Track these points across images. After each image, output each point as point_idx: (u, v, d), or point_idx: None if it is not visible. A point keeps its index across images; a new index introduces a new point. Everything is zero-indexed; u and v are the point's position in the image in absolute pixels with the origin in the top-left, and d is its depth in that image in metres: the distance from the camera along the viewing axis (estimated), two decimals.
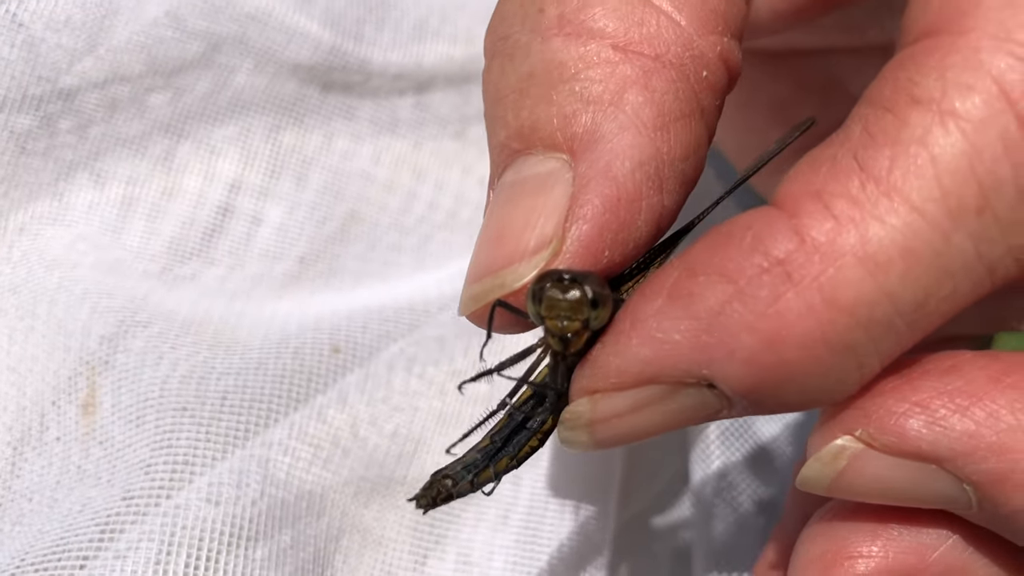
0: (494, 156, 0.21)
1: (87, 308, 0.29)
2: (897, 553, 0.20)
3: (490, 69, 0.21)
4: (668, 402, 0.19)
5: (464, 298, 0.20)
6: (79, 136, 0.31)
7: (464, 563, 0.29)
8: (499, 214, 0.20)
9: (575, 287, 0.18)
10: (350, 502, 0.28)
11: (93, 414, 0.27)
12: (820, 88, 0.29)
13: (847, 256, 0.17)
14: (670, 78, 0.19)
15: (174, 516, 0.25)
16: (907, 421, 0.19)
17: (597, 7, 0.20)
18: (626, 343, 0.19)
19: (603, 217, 0.19)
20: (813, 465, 0.20)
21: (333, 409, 0.28)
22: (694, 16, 0.20)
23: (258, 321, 0.30)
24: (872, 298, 0.18)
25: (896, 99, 0.18)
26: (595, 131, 0.19)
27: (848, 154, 0.18)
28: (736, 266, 0.18)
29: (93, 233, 0.31)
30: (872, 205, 0.18)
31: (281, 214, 0.33)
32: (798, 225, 0.18)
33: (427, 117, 0.35)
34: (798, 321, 0.17)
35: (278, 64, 0.33)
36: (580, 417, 0.20)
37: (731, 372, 0.18)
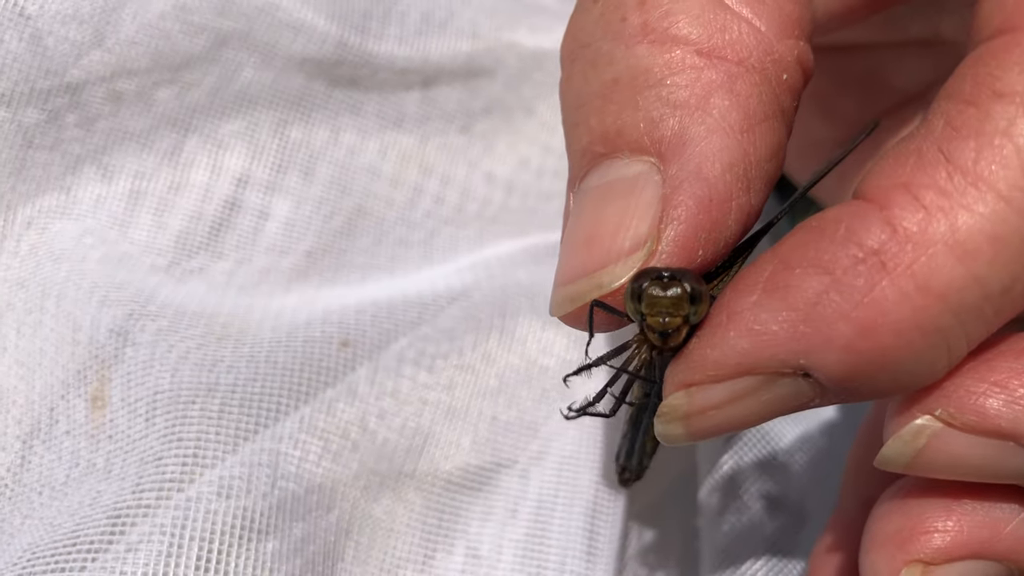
0: (576, 160, 0.21)
1: (95, 302, 0.29)
2: (971, 527, 0.21)
3: (570, 76, 0.21)
4: (763, 392, 0.20)
5: (558, 299, 0.21)
6: (86, 130, 0.31)
7: (473, 557, 0.29)
8: (588, 216, 0.20)
9: (675, 284, 0.19)
10: (360, 496, 0.28)
11: (103, 408, 0.27)
12: (861, 82, 0.29)
13: (938, 244, 0.18)
14: (753, 82, 0.20)
15: (185, 509, 0.25)
16: (986, 400, 0.20)
17: (680, 15, 0.20)
18: (723, 336, 0.19)
19: (697, 217, 0.20)
20: (894, 444, 0.20)
21: (342, 403, 0.28)
22: (773, 21, 0.20)
23: (266, 315, 0.30)
24: (962, 284, 0.18)
25: (978, 93, 0.19)
26: (683, 134, 0.20)
27: (933, 147, 0.19)
28: (831, 257, 0.19)
29: (101, 227, 0.31)
30: (960, 195, 0.18)
31: (288, 208, 0.33)
32: (890, 216, 0.18)
33: (433, 112, 0.35)
34: (893, 308, 0.18)
35: (285, 58, 0.33)
36: (677, 410, 0.20)
37: (828, 361, 0.19)
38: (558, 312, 0.21)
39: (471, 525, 0.30)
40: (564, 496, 0.30)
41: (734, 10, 0.20)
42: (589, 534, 0.29)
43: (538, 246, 0.34)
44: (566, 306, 0.21)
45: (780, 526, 0.32)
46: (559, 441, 0.31)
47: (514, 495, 0.30)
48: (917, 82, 0.29)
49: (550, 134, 0.37)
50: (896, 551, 0.21)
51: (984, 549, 0.21)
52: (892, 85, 0.30)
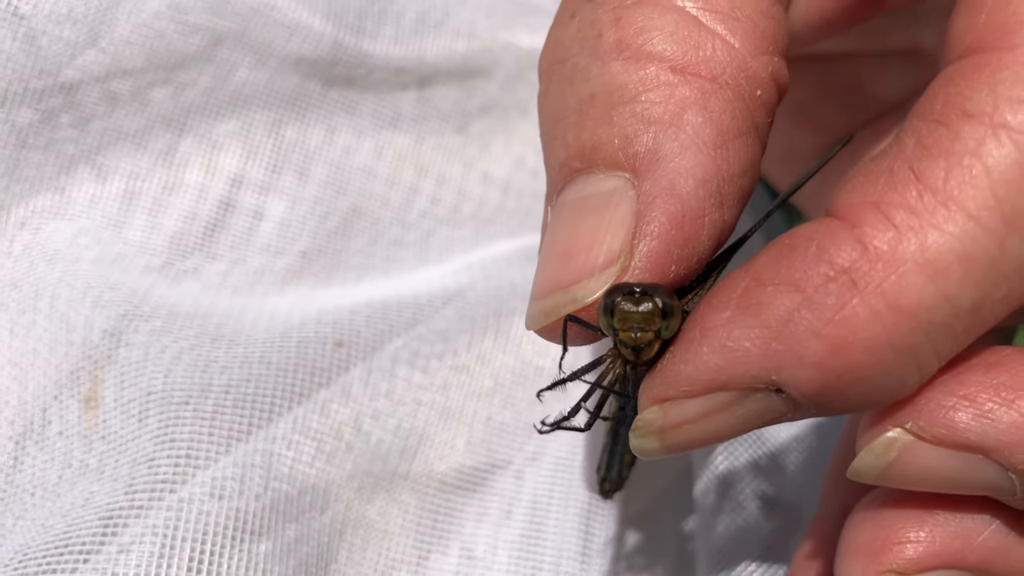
0: (552, 175, 0.21)
1: (89, 302, 0.28)
2: (943, 538, 0.21)
3: (547, 91, 0.22)
4: (736, 407, 0.20)
5: (533, 313, 0.21)
6: (80, 130, 0.31)
7: (468, 558, 0.29)
8: (564, 231, 0.21)
9: (646, 299, 0.19)
10: (353, 497, 0.28)
11: (96, 408, 0.27)
12: (841, 91, 0.30)
13: (908, 263, 0.18)
14: (727, 98, 0.20)
15: (177, 510, 0.25)
16: (956, 414, 0.20)
17: (655, 31, 0.20)
18: (696, 351, 0.20)
19: (669, 233, 0.20)
20: (865, 457, 0.21)
21: (336, 403, 0.28)
22: (747, 38, 0.21)
23: (260, 315, 0.30)
24: (932, 302, 0.18)
25: (948, 113, 0.19)
26: (657, 150, 0.20)
27: (904, 166, 0.19)
28: (803, 275, 0.19)
29: (95, 227, 0.30)
30: (930, 214, 0.19)
31: (283, 209, 0.33)
32: (860, 235, 0.19)
33: (429, 112, 0.35)
34: (864, 326, 0.18)
35: (280, 58, 0.33)
36: (651, 424, 0.21)
37: (800, 377, 0.19)
38: (533, 326, 0.21)
39: (466, 526, 0.30)
40: (559, 497, 0.30)
41: (708, 27, 0.21)
42: (584, 535, 0.29)
43: (534, 247, 0.34)
44: (541, 320, 0.21)
45: (775, 526, 0.32)
46: (554, 442, 0.31)
47: (509, 496, 0.30)
48: (897, 92, 0.30)
49: None
50: (870, 561, 0.22)
51: (956, 559, 0.22)
52: (872, 94, 0.30)
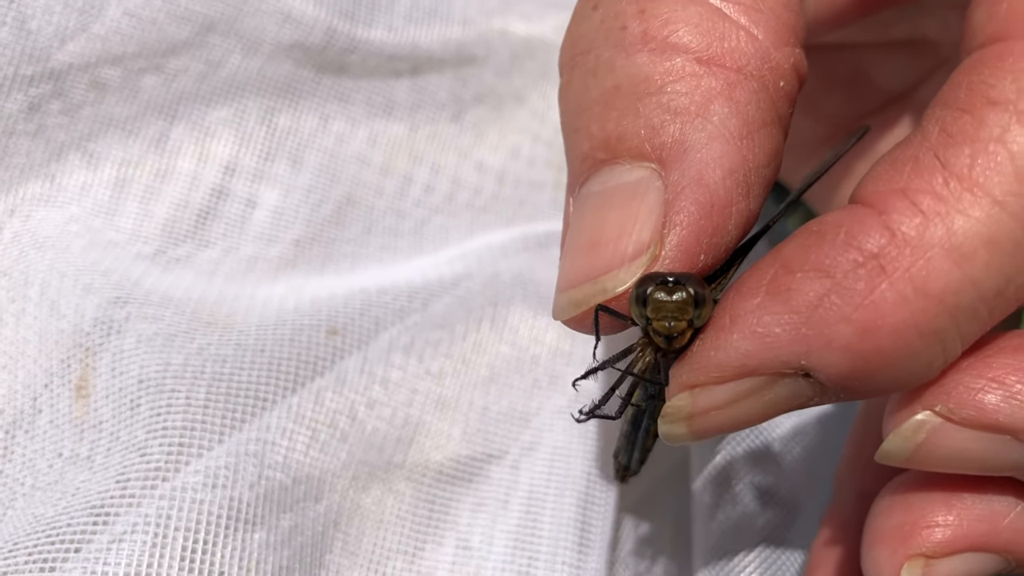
0: (575, 166, 0.22)
1: (80, 290, 0.28)
2: (971, 520, 0.22)
3: (570, 82, 0.22)
4: (765, 392, 0.20)
5: (562, 304, 0.21)
6: (71, 117, 0.30)
7: (464, 548, 0.29)
8: (590, 221, 0.21)
9: (679, 289, 0.20)
10: (349, 486, 0.28)
11: (87, 397, 0.27)
12: (846, 81, 0.30)
13: (936, 248, 0.19)
14: (752, 89, 0.21)
15: (170, 500, 0.25)
16: (984, 396, 0.20)
17: (680, 23, 0.21)
18: (727, 338, 0.20)
19: (699, 223, 0.20)
20: (894, 439, 0.21)
21: (331, 392, 0.28)
22: (770, 29, 0.21)
23: (253, 303, 0.30)
24: (959, 286, 0.19)
25: (972, 101, 0.20)
26: (684, 141, 0.20)
27: (929, 153, 0.19)
28: (832, 261, 0.19)
29: (86, 215, 0.30)
30: (956, 200, 0.19)
31: (276, 197, 0.32)
32: (888, 221, 0.19)
33: (423, 100, 0.35)
34: (892, 311, 0.19)
35: (272, 45, 0.32)
36: (680, 411, 0.21)
37: (829, 361, 0.19)
38: (562, 316, 0.21)
39: (462, 516, 0.29)
40: (556, 487, 0.30)
41: (732, 19, 0.21)
42: (581, 525, 0.29)
43: (529, 235, 0.34)
44: (570, 310, 0.21)
45: (772, 518, 0.32)
46: (550, 432, 0.31)
47: (505, 486, 0.30)
48: (901, 82, 0.30)
49: (541, 123, 0.37)
50: (898, 546, 0.22)
51: (984, 542, 0.22)
52: (877, 84, 0.30)
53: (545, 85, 0.37)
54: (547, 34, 0.37)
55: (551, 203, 0.36)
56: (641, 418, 0.26)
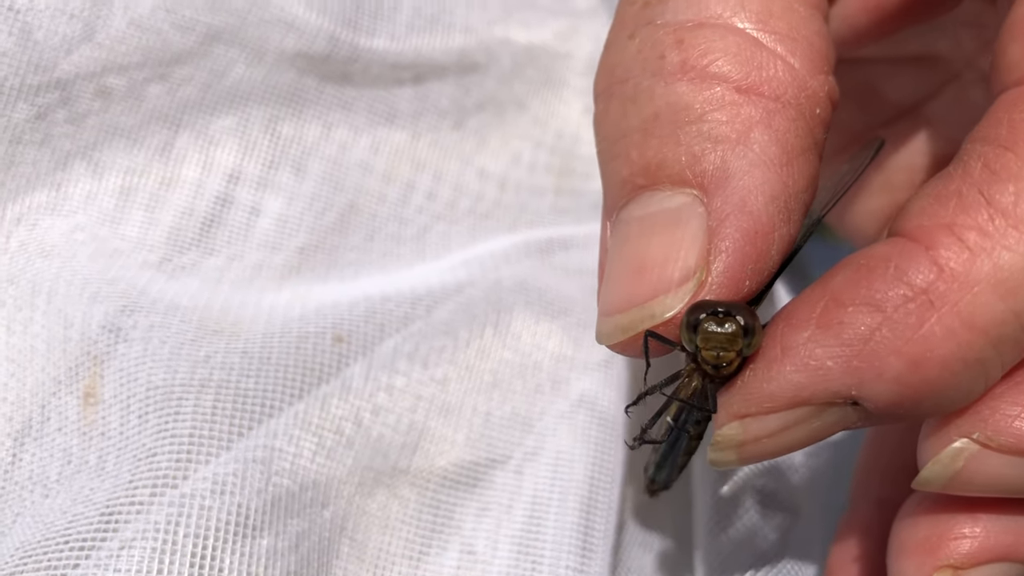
0: (614, 191, 0.22)
1: (87, 298, 0.28)
2: (997, 532, 0.22)
3: (607, 110, 0.22)
4: (814, 420, 0.21)
5: (607, 329, 0.22)
6: (76, 126, 0.30)
7: (468, 553, 0.29)
8: (633, 247, 0.21)
9: (730, 320, 0.20)
10: (355, 492, 0.28)
11: (95, 404, 0.27)
12: (857, 93, 0.30)
13: (982, 283, 0.19)
14: (790, 117, 0.21)
15: (178, 506, 0.25)
16: (1022, 423, 0.21)
17: (719, 53, 0.21)
18: (779, 370, 0.20)
19: (743, 249, 0.21)
20: (933, 467, 0.21)
21: (336, 399, 0.28)
22: (805, 58, 0.21)
23: (259, 311, 0.30)
24: (1003, 319, 0.20)
25: (1014, 139, 0.20)
26: (725, 168, 0.21)
27: (974, 189, 0.20)
28: (882, 296, 0.20)
29: (91, 223, 0.30)
30: (1001, 236, 0.20)
31: (280, 205, 0.33)
32: (936, 256, 0.20)
33: (425, 108, 0.35)
34: (940, 344, 0.19)
35: (276, 54, 0.33)
36: (731, 440, 0.21)
37: (879, 392, 0.20)
38: (607, 341, 0.22)
39: (466, 521, 0.29)
40: (559, 491, 0.30)
41: (769, 48, 0.21)
42: (584, 529, 0.29)
43: (531, 241, 0.34)
44: (618, 335, 0.21)
45: (773, 521, 0.32)
46: (553, 436, 0.31)
47: (509, 491, 0.30)
48: (912, 96, 0.30)
49: (542, 129, 0.37)
50: (926, 557, 0.22)
51: (1010, 552, 0.22)
52: (887, 98, 0.30)
53: (546, 92, 0.37)
54: (548, 42, 0.37)
55: (552, 209, 0.36)
56: (680, 439, 0.26)
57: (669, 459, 0.27)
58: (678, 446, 0.26)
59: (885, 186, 0.30)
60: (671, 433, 0.24)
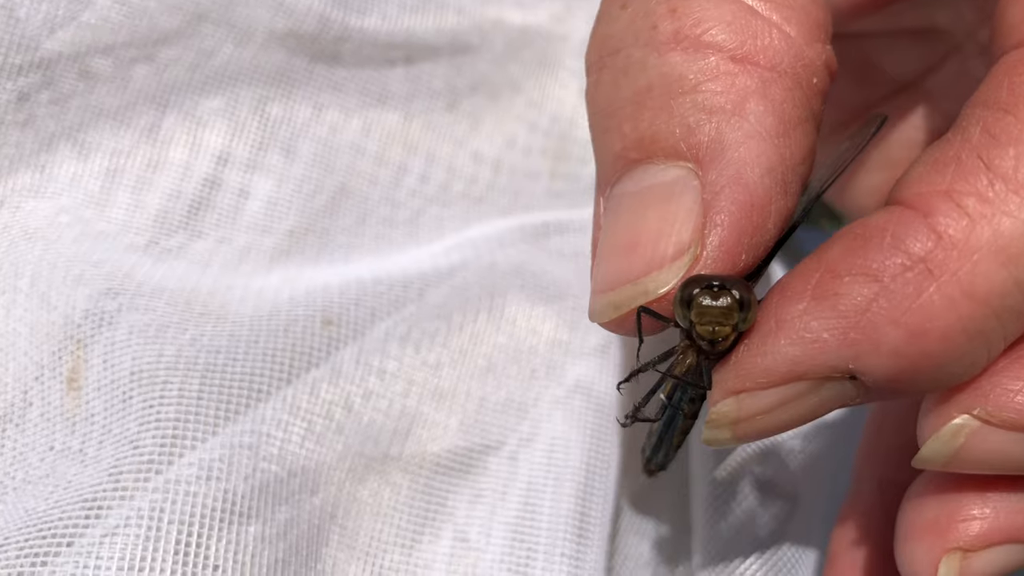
0: (606, 166, 0.21)
1: (71, 281, 0.28)
2: (1007, 513, 0.22)
3: (599, 82, 0.22)
4: (811, 396, 0.20)
5: (601, 305, 0.21)
6: (61, 107, 0.30)
7: (461, 540, 0.28)
8: (626, 222, 0.21)
9: (725, 294, 0.20)
10: (345, 478, 0.27)
11: (79, 389, 0.26)
12: (855, 68, 0.30)
13: (983, 250, 0.19)
14: (786, 87, 0.20)
15: (164, 492, 0.24)
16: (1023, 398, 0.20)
17: (713, 22, 0.21)
18: (774, 343, 0.20)
19: (739, 223, 0.20)
20: (933, 445, 0.21)
21: (326, 383, 0.28)
22: (802, 27, 0.21)
23: (247, 295, 0.29)
24: (1005, 288, 0.19)
25: (1014, 102, 0.20)
26: (720, 140, 0.20)
27: (972, 154, 0.19)
28: (880, 265, 0.19)
29: (76, 205, 0.30)
30: (1002, 202, 0.19)
31: (270, 187, 0.32)
32: (934, 223, 0.19)
33: (418, 89, 0.35)
34: (940, 314, 0.19)
35: (265, 34, 0.32)
36: (726, 416, 0.21)
37: (876, 364, 0.19)
38: (600, 319, 0.21)
39: (459, 508, 0.29)
40: (554, 478, 0.29)
41: (764, 16, 0.21)
42: (580, 516, 0.29)
43: (525, 225, 0.34)
44: (610, 312, 0.21)
45: (772, 507, 0.31)
46: (549, 422, 0.30)
47: (503, 477, 0.30)
48: (911, 70, 0.30)
49: (537, 112, 0.36)
50: (934, 541, 0.22)
51: (1020, 533, 0.22)
52: (887, 73, 0.30)
53: (541, 74, 0.37)
54: (543, 23, 0.36)
55: (547, 192, 0.36)
56: (675, 418, 0.25)
57: (665, 438, 0.26)
58: (673, 425, 0.26)
59: (885, 162, 0.30)
60: (665, 411, 0.24)
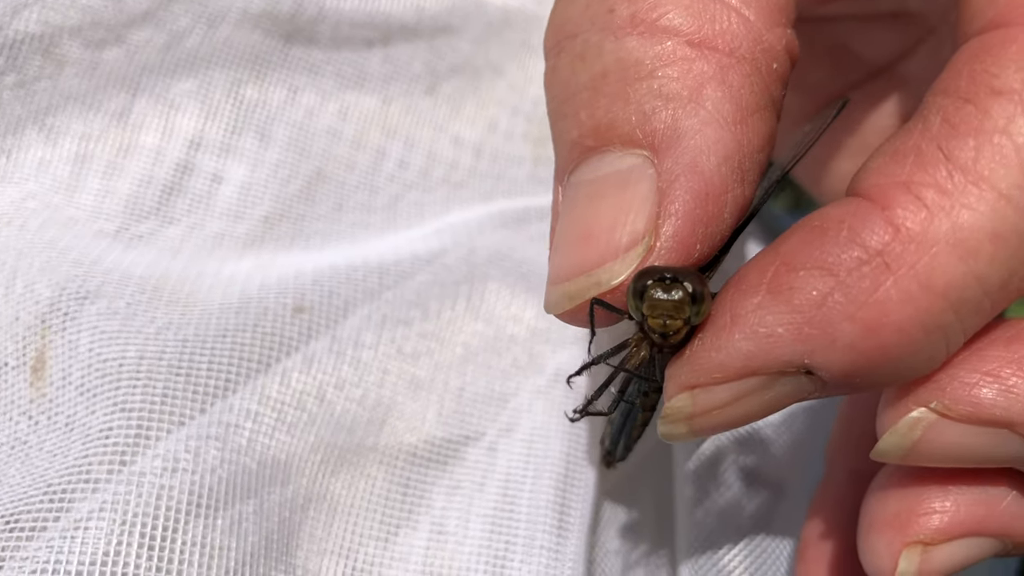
0: (564, 153, 0.21)
1: (37, 269, 0.27)
2: (967, 506, 0.22)
3: (556, 67, 0.21)
4: (766, 391, 0.20)
5: (555, 297, 0.21)
6: (27, 90, 0.29)
7: (439, 533, 0.28)
8: (581, 211, 0.20)
9: (677, 287, 0.19)
10: (317, 470, 0.27)
11: (43, 379, 0.26)
12: (829, 53, 0.30)
13: (941, 243, 0.19)
14: (745, 72, 0.20)
15: (128, 484, 0.24)
16: (980, 391, 0.20)
17: (669, 5, 0.20)
18: (728, 338, 0.20)
19: (694, 212, 0.20)
20: (890, 438, 0.21)
21: (298, 372, 0.27)
22: (761, 11, 0.21)
23: (218, 281, 0.29)
24: (963, 281, 0.19)
25: (975, 90, 0.19)
26: (676, 127, 0.20)
27: (932, 144, 0.19)
28: (835, 259, 0.19)
29: (44, 191, 0.29)
30: (961, 193, 0.19)
31: (244, 172, 0.31)
32: (892, 216, 0.19)
33: (396, 71, 0.34)
34: (897, 308, 0.19)
35: (239, 14, 0.31)
36: (681, 412, 0.21)
37: (832, 359, 0.19)
38: (555, 310, 0.21)
39: (436, 500, 0.28)
40: (534, 469, 0.29)
41: (723, 0, 0.20)
42: (560, 507, 0.28)
43: (507, 211, 0.33)
44: (564, 304, 0.21)
45: (756, 498, 0.31)
46: (529, 413, 0.30)
47: (482, 469, 0.29)
48: (885, 54, 0.29)
49: (520, 96, 0.36)
50: (896, 534, 0.22)
51: (980, 527, 0.22)
52: (860, 57, 0.30)
53: (524, 56, 0.36)
54: (525, 4, 0.36)
55: (530, 178, 0.35)
56: (632, 411, 0.25)
57: (623, 432, 0.26)
58: (631, 417, 0.25)
59: (860, 147, 0.29)
60: (615, 405, 0.23)
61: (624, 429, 0.26)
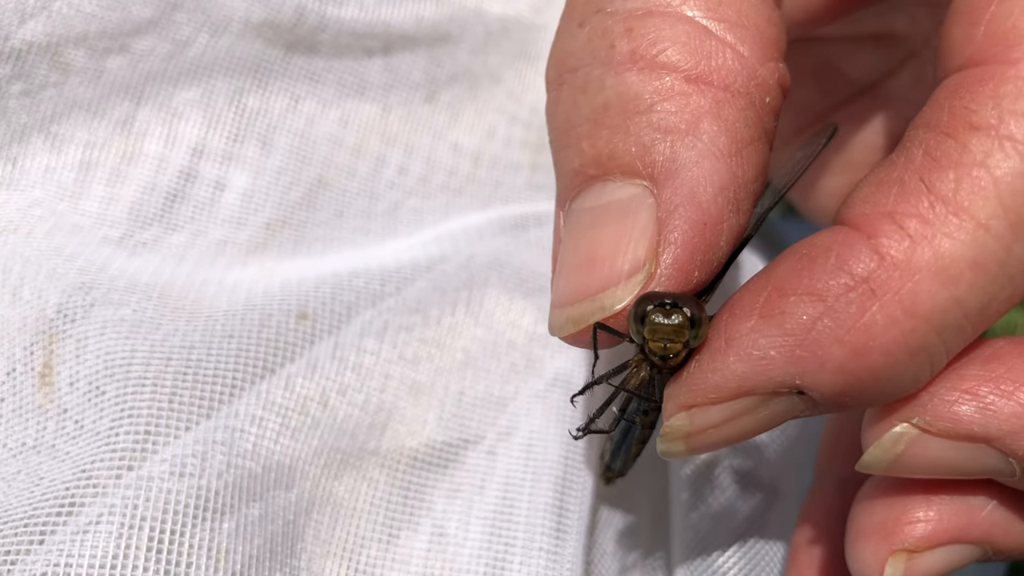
0: (566, 180, 0.22)
1: (43, 275, 0.27)
2: (950, 515, 0.23)
3: (558, 99, 0.22)
4: (760, 410, 0.21)
5: (560, 321, 0.22)
6: (33, 98, 0.30)
7: (439, 535, 0.28)
8: (584, 238, 0.21)
9: (677, 312, 0.20)
10: (320, 474, 0.27)
11: (51, 385, 0.26)
12: (815, 73, 0.30)
13: (923, 271, 0.19)
14: (740, 107, 0.21)
15: (137, 489, 0.24)
16: (959, 408, 0.21)
17: (668, 42, 0.21)
18: (723, 360, 0.21)
19: (692, 241, 0.21)
20: (874, 451, 0.22)
21: (301, 378, 0.27)
22: (755, 46, 0.21)
23: (222, 288, 0.29)
24: (945, 306, 0.20)
25: (955, 126, 0.20)
26: (675, 159, 0.21)
27: (915, 176, 0.20)
28: (824, 285, 0.20)
29: (50, 198, 0.29)
30: (942, 223, 0.19)
31: (246, 179, 0.32)
32: (877, 245, 0.20)
33: (396, 80, 0.34)
34: (883, 332, 0.19)
35: (241, 24, 0.32)
36: (679, 430, 0.21)
37: (822, 381, 0.20)
38: (559, 333, 0.22)
39: (437, 503, 0.29)
40: (532, 472, 0.29)
41: (718, 36, 0.21)
42: (558, 510, 0.29)
43: (505, 217, 0.34)
44: (568, 328, 0.22)
45: (751, 501, 0.31)
46: (527, 417, 0.30)
47: (481, 472, 0.29)
48: (870, 74, 0.30)
49: (517, 103, 0.36)
50: (881, 542, 0.23)
51: (963, 534, 0.23)
52: (846, 77, 0.31)
53: (521, 65, 0.36)
54: (523, 13, 0.36)
55: (527, 185, 0.35)
56: (631, 428, 0.26)
57: (623, 448, 0.27)
58: (630, 435, 0.26)
59: (846, 165, 0.30)
60: (616, 423, 0.24)
61: (623, 445, 0.27)
